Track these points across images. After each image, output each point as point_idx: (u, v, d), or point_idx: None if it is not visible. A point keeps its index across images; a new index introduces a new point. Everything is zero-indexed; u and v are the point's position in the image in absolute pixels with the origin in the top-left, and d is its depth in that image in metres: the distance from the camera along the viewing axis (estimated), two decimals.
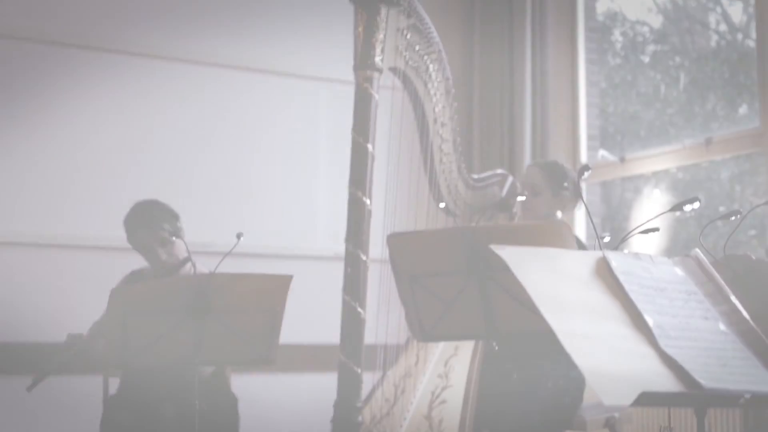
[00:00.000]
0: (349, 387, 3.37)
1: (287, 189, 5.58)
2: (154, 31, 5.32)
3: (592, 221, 2.91)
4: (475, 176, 4.14)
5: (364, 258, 3.44)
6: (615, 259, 2.09)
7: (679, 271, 2.19)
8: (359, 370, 3.38)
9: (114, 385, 4.13)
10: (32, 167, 4.98)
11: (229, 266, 3.37)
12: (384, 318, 3.54)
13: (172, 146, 5.30)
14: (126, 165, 5.17)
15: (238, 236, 3.35)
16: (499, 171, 4.36)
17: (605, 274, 2.06)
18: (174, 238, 3.88)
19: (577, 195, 4.06)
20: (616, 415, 3.94)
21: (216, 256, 3.61)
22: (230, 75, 5.48)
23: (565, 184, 4.05)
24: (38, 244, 4.92)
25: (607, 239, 3.66)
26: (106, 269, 4.27)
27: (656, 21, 5.97)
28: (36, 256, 4.90)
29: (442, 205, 3.84)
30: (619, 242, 2.82)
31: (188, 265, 3.94)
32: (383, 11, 3.55)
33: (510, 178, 4.31)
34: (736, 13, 5.63)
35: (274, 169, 5.55)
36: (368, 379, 3.56)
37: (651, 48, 6.04)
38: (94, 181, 5.09)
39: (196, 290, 3.22)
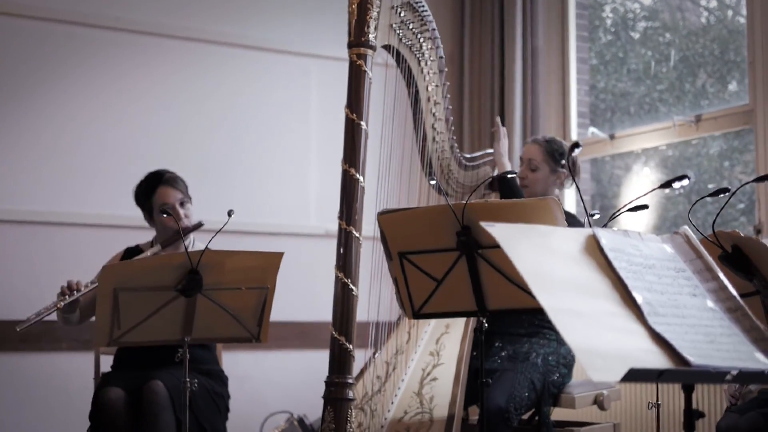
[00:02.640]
0: (340, 364, 3.39)
1: (279, 166, 5.59)
2: (144, 8, 5.30)
3: (582, 198, 2.93)
4: (468, 155, 4.16)
5: (356, 235, 3.45)
6: (604, 236, 2.10)
7: (667, 248, 2.20)
8: (351, 347, 3.40)
9: (105, 362, 4.14)
10: (29, 146, 4.97)
11: (221, 243, 3.38)
12: (376, 295, 3.55)
13: (163, 123, 5.30)
14: (118, 143, 5.17)
15: (230, 213, 3.36)
16: (490, 150, 4.37)
17: (595, 251, 2.07)
18: (190, 201, 4.05)
19: (575, 173, 4.09)
20: (605, 391, 3.97)
21: (207, 233, 3.62)
22: (221, 51, 5.48)
23: (563, 162, 4.07)
24: (34, 221, 4.93)
25: (596, 216, 3.68)
26: (102, 246, 4.28)
27: None
28: (32, 233, 4.91)
29: (432, 182, 3.85)
30: (608, 220, 2.84)
31: (187, 241, 4.00)
32: None
33: None
34: None
35: (266, 145, 5.55)
36: (360, 357, 3.58)
37: (641, 25, 6.03)
38: (88, 161, 5.09)
39: (187, 267, 3.23)
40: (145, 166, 4.19)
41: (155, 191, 4.04)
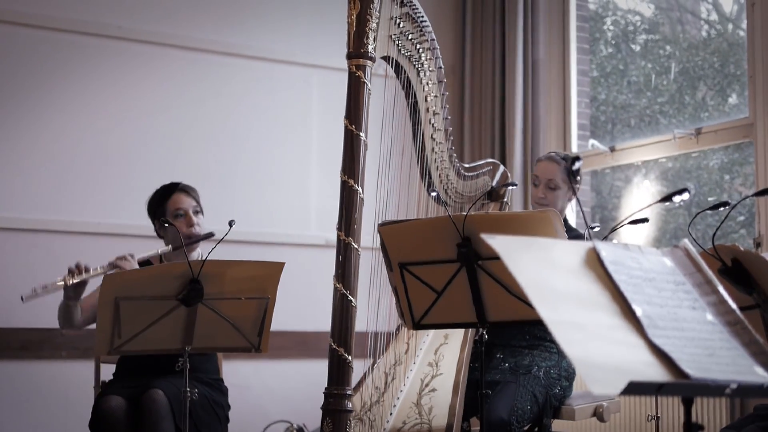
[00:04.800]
0: (339, 375, 3.39)
1: (279, 175, 5.59)
2: (147, 18, 5.31)
3: (582, 210, 2.94)
4: (467, 165, 4.16)
5: (355, 246, 3.45)
6: (604, 249, 2.10)
7: (667, 262, 2.20)
8: (350, 358, 3.40)
9: (106, 370, 4.14)
10: (31, 153, 4.98)
11: (222, 253, 3.38)
12: (375, 306, 3.56)
13: (165, 132, 5.30)
14: (120, 151, 5.17)
15: (231, 224, 3.37)
16: (490, 160, 4.37)
17: (595, 264, 2.07)
18: (202, 213, 4.11)
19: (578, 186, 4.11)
20: (605, 403, 3.98)
21: (208, 242, 3.62)
22: (223, 61, 5.49)
23: (579, 178, 4.07)
24: (35, 229, 4.93)
25: (597, 229, 3.69)
26: (103, 254, 4.28)
27: (647, 10, 5.98)
28: (33, 241, 4.91)
29: (433, 194, 3.86)
30: (608, 232, 2.84)
31: (196, 252, 4.07)
32: (376, 0, 3.56)
33: (501, 167, 4.33)
34: (727, 3, 5.65)
35: (267, 155, 5.56)
36: (359, 367, 3.58)
37: (642, 37, 6.05)
38: (90, 169, 5.09)
39: (188, 277, 3.23)
40: (146, 174, 4.21)
41: (170, 197, 4.08)
